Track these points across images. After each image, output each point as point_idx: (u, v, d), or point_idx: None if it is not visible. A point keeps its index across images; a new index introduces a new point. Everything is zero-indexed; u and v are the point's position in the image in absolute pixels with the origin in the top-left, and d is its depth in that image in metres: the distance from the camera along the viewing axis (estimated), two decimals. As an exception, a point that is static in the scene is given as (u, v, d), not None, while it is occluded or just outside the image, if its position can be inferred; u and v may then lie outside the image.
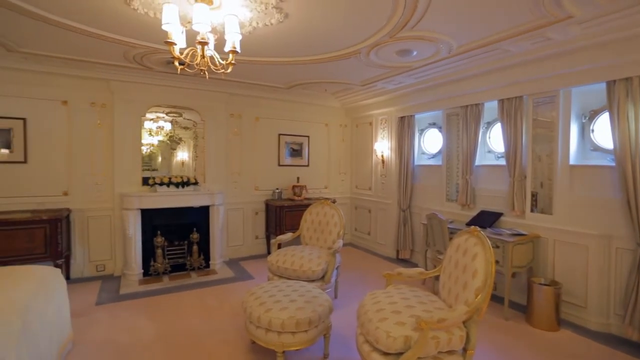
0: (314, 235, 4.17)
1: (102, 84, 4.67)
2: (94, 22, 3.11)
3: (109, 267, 4.82)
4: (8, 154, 4.31)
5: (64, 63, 4.27)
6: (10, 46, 3.76)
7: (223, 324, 3.36)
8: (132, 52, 3.89)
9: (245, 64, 4.16)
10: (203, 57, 2.52)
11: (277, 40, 3.49)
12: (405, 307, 2.26)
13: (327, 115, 6.58)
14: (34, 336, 2.14)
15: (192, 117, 5.30)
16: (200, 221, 5.07)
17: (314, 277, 3.48)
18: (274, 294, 2.75)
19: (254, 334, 2.64)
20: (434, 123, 5.32)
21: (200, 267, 4.97)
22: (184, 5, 2.66)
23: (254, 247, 5.87)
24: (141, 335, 3.14)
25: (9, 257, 3.82)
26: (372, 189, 6.25)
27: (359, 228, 6.64)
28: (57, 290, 2.71)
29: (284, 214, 5.41)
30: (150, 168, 5.06)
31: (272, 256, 3.74)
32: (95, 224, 4.74)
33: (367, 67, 4.33)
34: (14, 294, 2.19)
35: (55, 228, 4.06)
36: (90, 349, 2.90)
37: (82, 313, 3.54)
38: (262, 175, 5.94)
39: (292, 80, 5.13)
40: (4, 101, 4.26)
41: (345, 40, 3.47)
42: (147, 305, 3.79)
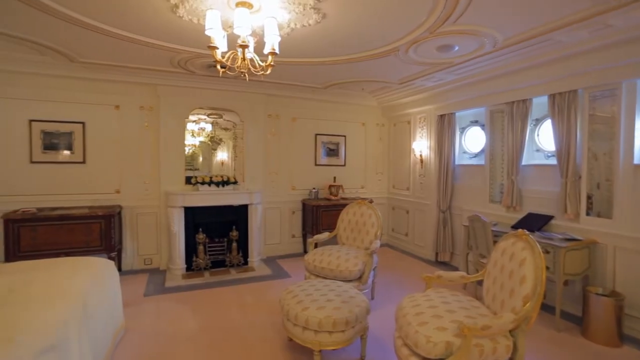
0: (350, 235, 4.15)
1: (149, 89, 4.95)
2: (144, 31, 3.31)
3: (155, 261, 5.10)
4: (69, 155, 4.70)
5: (117, 70, 4.59)
6: (73, 57, 4.11)
7: (261, 320, 3.43)
8: (177, 58, 4.09)
9: (283, 65, 4.22)
10: (244, 59, 2.59)
11: (314, 41, 3.51)
12: (446, 311, 2.18)
13: (363, 114, 6.52)
14: (93, 321, 2.32)
15: (231, 118, 5.47)
16: (239, 219, 5.23)
17: (351, 277, 3.46)
18: (311, 292, 2.77)
19: (291, 331, 2.68)
20: (476, 121, 5.08)
21: (239, 264, 5.12)
22: (225, 11, 2.75)
23: (291, 246, 5.96)
24: (185, 327, 3.30)
25: (70, 249, 4.18)
26: (410, 189, 6.11)
27: (396, 229, 6.52)
28: (111, 281, 2.92)
29: (320, 214, 5.44)
30: (192, 168, 5.30)
31: (309, 255, 3.77)
32: (143, 220, 5.04)
33: (406, 64, 4.23)
34: (76, 282, 2.39)
35: (109, 223, 4.37)
36: (140, 336, 3.09)
37: (132, 303, 3.78)
38: (299, 174, 6.01)
39: (329, 80, 5.14)
40: (66, 107, 4.65)
41: (384, 38, 3.42)
42: (190, 299, 3.97)
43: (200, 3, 2.73)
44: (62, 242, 4.19)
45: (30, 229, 4.08)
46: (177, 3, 2.74)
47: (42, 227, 4.12)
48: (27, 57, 4.15)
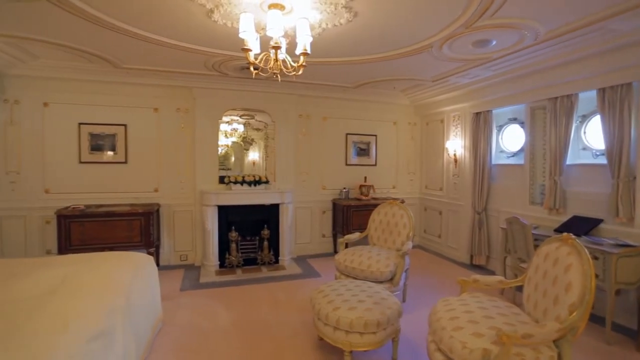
0: (381, 236, 4.10)
1: (185, 92, 5.15)
2: (181, 36, 3.45)
3: (190, 257, 5.30)
4: (113, 156, 4.99)
5: (156, 74, 4.81)
6: (116, 63, 4.35)
7: (291, 318, 3.47)
8: (211, 61, 4.22)
9: (314, 65, 4.24)
10: (276, 60, 2.63)
11: (345, 40, 3.49)
12: (483, 317, 2.09)
13: (395, 113, 6.41)
14: (134, 313, 2.44)
15: (263, 118, 5.57)
16: (271, 218, 5.31)
17: (382, 278, 3.41)
18: (342, 292, 2.75)
19: (321, 330, 2.68)
20: (515, 118, 4.84)
21: (270, 262, 5.21)
22: (258, 13, 2.80)
23: (321, 246, 5.97)
24: (218, 321, 3.40)
25: (114, 244, 4.42)
26: (444, 190, 5.93)
27: (428, 230, 6.36)
28: (150, 275, 3.06)
29: (351, 214, 5.41)
30: (224, 167, 5.45)
31: (339, 255, 3.76)
32: (179, 218, 5.25)
33: (439, 61, 4.11)
34: (119, 276, 2.53)
35: (148, 220, 4.60)
36: (177, 329, 3.22)
37: (169, 297, 3.94)
38: (330, 174, 6.01)
39: (360, 79, 5.10)
40: (110, 110, 4.94)
41: (417, 34, 3.34)
42: (223, 295, 4.08)
43: (234, 7, 2.80)
44: (106, 237, 4.46)
45: (79, 225, 4.37)
46: (212, 8, 2.82)
47: (89, 223, 4.41)
48: (77, 65, 4.45)
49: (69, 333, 1.71)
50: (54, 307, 1.93)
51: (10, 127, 4.61)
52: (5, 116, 4.59)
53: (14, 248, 4.64)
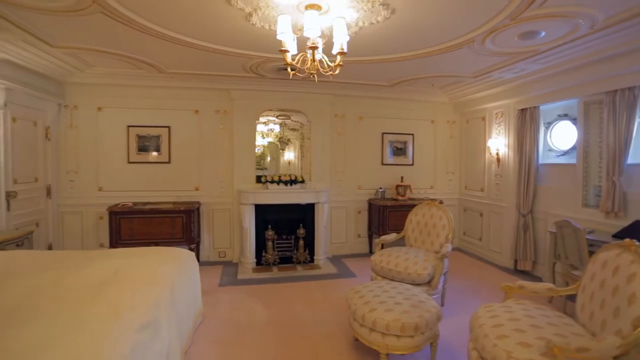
0: (419, 237, 3.99)
1: (224, 94, 5.32)
2: (221, 40, 3.57)
3: (228, 254, 5.47)
4: (157, 156, 5.27)
5: (197, 78, 5.02)
6: (161, 68, 4.60)
7: (327, 317, 3.47)
8: (249, 63, 4.33)
9: (350, 64, 4.21)
10: (313, 61, 2.64)
11: (382, 38, 3.44)
12: (530, 326, 1.97)
13: (433, 111, 6.22)
14: (178, 306, 2.56)
15: (299, 119, 5.63)
16: (306, 217, 5.35)
17: (420, 280, 3.32)
18: (379, 294, 2.71)
19: (357, 331, 2.66)
20: (566, 114, 4.51)
21: (305, 261, 5.25)
22: (295, 14, 2.82)
23: (356, 246, 5.93)
24: (255, 317, 3.48)
25: (158, 239, 4.67)
26: (485, 190, 5.66)
27: (468, 232, 6.10)
28: (192, 270, 3.20)
29: (387, 214, 5.32)
30: (260, 167, 5.57)
31: (375, 256, 3.71)
32: (218, 216, 5.44)
33: (481, 56, 3.92)
34: (165, 270, 2.67)
35: (189, 218, 4.80)
36: (216, 323, 3.33)
37: (209, 292, 4.08)
38: (365, 174, 5.95)
39: (397, 77, 5.00)
40: (156, 113, 5.23)
41: (457, 29, 3.21)
42: (260, 291, 4.17)
43: (272, 9, 2.84)
44: (152, 233, 4.72)
45: (128, 221, 4.67)
46: (250, 12, 2.89)
47: (137, 219, 4.69)
48: (127, 72, 4.75)
49: (121, 321, 1.82)
50: (108, 296, 2.07)
51: (70, 130, 5.01)
52: (66, 120, 5.00)
53: (73, 240, 5.05)
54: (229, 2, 2.73)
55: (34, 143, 4.53)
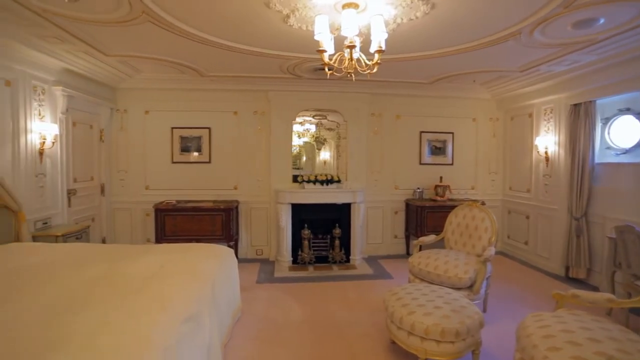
0: (459, 240, 3.84)
1: (261, 95, 5.43)
2: (259, 43, 3.65)
3: (265, 252, 5.59)
4: (198, 156, 5.50)
5: (235, 80, 5.17)
6: (202, 72, 4.79)
7: (363, 318, 3.44)
8: (286, 64, 4.39)
9: (388, 62, 4.14)
10: (351, 60, 2.62)
11: (421, 34, 3.34)
12: (586, 339, 1.82)
13: (474, 108, 5.96)
14: (218, 301, 2.65)
15: (335, 118, 5.63)
16: (342, 217, 5.34)
17: (460, 284, 3.19)
18: (417, 297, 2.64)
19: (395, 334, 2.61)
20: (628, 109, 4.12)
21: (341, 261, 5.23)
22: (332, 14, 2.82)
23: (393, 247, 5.83)
24: (291, 315, 3.52)
25: (199, 236, 4.86)
26: (532, 192, 5.33)
27: (512, 236, 5.78)
28: (231, 267, 3.30)
29: (425, 215, 5.18)
30: (296, 167, 5.63)
31: (413, 257, 3.62)
32: (256, 215, 5.58)
33: (529, 48, 3.69)
34: (206, 265, 2.78)
35: (229, 216, 4.97)
36: (254, 320, 3.41)
37: (247, 289, 4.18)
38: (403, 174, 5.83)
39: (436, 74, 4.84)
40: (197, 115, 5.46)
41: (502, 21, 3.05)
42: (296, 290, 4.21)
43: (309, 10, 2.86)
44: (193, 230, 4.93)
45: (172, 218, 4.92)
46: (288, 13, 2.93)
47: (180, 216, 4.93)
48: (171, 77, 5.02)
49: (166, 313, 1.92)
50: (155, 289, 2.19)
51: (121, 132, 5.37)
52: (117, 123, 5.36)
53: (123, 235, 5.41)
54: (268, 5, 2.79)
55: (90, 145, 4.91)
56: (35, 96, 3.82)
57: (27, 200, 3.59)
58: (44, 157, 3.93)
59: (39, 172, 3.89)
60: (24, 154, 3.68)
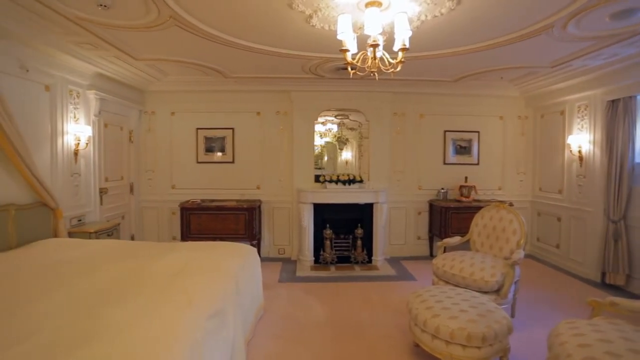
0: (486, 242, 3.72)
1: (284, 95, 5.47)
2: (282, 44, 3.68)
3: (287, 251, 5.63)
4: (221, 156, 5.61)
5: (258, 81, 5.24)
6: (226, 74, 4.88)
7: (385, 320, 3.40)
8: (308, 64, 4.40)
9: (412, 60, 4.07)
10: (374, 59, 2.59)
11: (446, 31, 3.27)
12: (628, 350, 1.72)
13: (501, 106, 5.77)
14: (242, 299, 2.69)
15: (357, 118, 5.60)
16: (364, 217, 5.30)
17: (487, 288, 3.09)
18: (442, 299, 2.58)
19: (418, 337, 2.56)
20: (671, 105, 3.87)
21: (363, 261, 5.19)
22: (355, 13, 2.80)
23: (416, 248, 5.73)
24: (313, 315, 3.52)
25: (223, 235, 4.96)
26: (564, 193, 5.09)
27: (542, 238, 5.55)
28: (254, 265, 3.34)
29: (449, 216, 5.06)
30: (317, 167, 5.64)
31: (437, 259, 3.54)
32: (278, 214, 5.63)
33: (562, 42, 3.53)
34: (230, 263, 2.83)
35: (252, 215, 5.04)
36: (276, 318, 3.44)
37: (269, 287, 4.22)
38: (426, 174, 5.72)
39: (462, 72, 4.72)
40: (221, 116, 5.57)
41: (532, 15, 2.93)
42: (318, 289, 4.22)
43: (332, 10, 2.86)
44: (217, 229, 5.04)
45: (197, 217, 5.04)
46: (311, 13, 2.93)
47: (204, 215, 5.04)
48: (196, 79, 5.14)
49: (192, 309, 1.96)
50: (181, 285, 2.25)
51: (148, 133, 5.56)
52: (145, 125, 5.55)
53: (151, 232, 5.60)
54: (290, 6, 2.80)
55: (120, 145, 5.11)
56: (71, 100, 4.02)
57: (63, 198, 3.78)
58: (78, 157, 4.13)
59: (74, 172, 4.09)
60: (61, 154, 3.88)
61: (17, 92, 3.30)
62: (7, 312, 1.86)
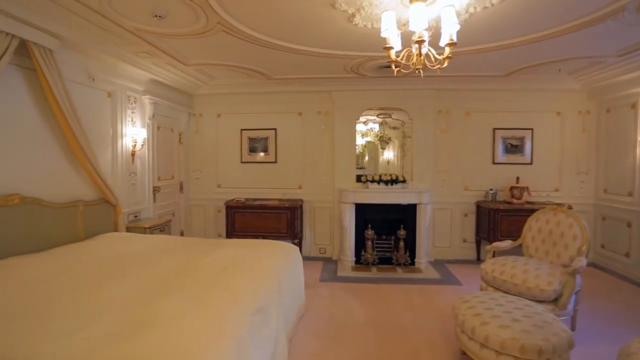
0: (541, 247, 3.46)
1: (325, 96, 5.49)
2: (324, 44, 3.69)
3: (328, 251, 5.64)
4: (264, 156, 5.76)
5: (300, 82, 5.30)
6: (269, 75, 5.00)
7: (429, 324, 3.28)
8: (350, 64, 4.38)
9: (459, 55, 3.88)
10: (419, 55, 2.51)
11: (496, 23, 3.09)
12: None
13: (559, 101, 5.33)
14: (284, 296, 2.74)
15: (400, 117, 5.47)
16: (407, 218, 5.17)
17: (542, 297, 2.87)
18: (491, 307, 2.44)
19: (466, 345, 2.44)
20: None
21: (405, 263, 5.07)
22: (399, 9, 2.74)
23: (461, 251, 5.48)
24: (354, 315, 3.49)
25: (265, 233, 5.08)
26: (635, 195, 4.58)
27: (608, 246, 5.05)
28: (297, 264, 3.38)
29: (499, 218, 4.78)
30: (358, 166, 5.58)
31: (486, 264, 3.35)
32: (320, 214, 5.66)
33: (633, 27, 3.18)
34: (273, 261, 2.90)
35: (293, 214, 5.11)
36: (317, 317, 3.45)
37: (310, 286, 4.24)
38: (473, 174, 5.45)
39: (513, 65, 4.44)
40: (264, 117, 5.72)
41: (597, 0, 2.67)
42: (359, 290, 4.18)
43: (375, 8, 2.81)
44: (260, 227, 5.18)
45: (241, 215, 5.22)
46: (353, 12, 2.91)
47: (248, 213, 5.21)
48: (240, 81, 5.34)
49: (238, 305, 2.03)
50: (227, 281, 2.34)
51: (196, 135, 5.86)
52: (193, 127, 5.86)
53: (198, 229, 5.89)
54: (333, 5, 2.80)
55: (170, 147, 5.43)
56: (128, 105, 4.35)
57: (122, 196, 4.10)
58: (135, 158, 4.45)
59: (131, 171, 4.41)
60: (120, 155, 4.21)
61: (85, 99, 3.65)
62: (76, 299, 2.06)
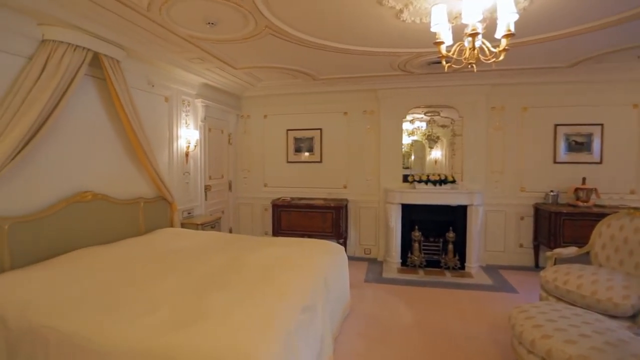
0: (614, 256, 3.12)
1: (370, 94, 5.41)
2: (369, 42, 3.63)
3: (373, 252, 5.57)
4: (310, 156, 5.82)
5: (345, 81, 5.27)
6: (314, 76, 5.04)
7: (481, 333, 3.11)
8: (397, 61, 4.27)
9: (516, 46, 3.63)
10: (472, 49, 2.38)
11: (561, 9, 2.83)
12: None
13: (635, 92, 4.77)
14: (330, 295, 2.75)
15: (449, 114, 5.24)
16: (456, 220, 4.94)
17: (615, 312, 2.58)
18: (554, 319, 2.25)
19: (523, 358, 2.27)
20: None
21: (454, 267, 4.85)
22: (450, 2, 2.62)
23: (517, 257, 5.12)
24: (399, 318, 3.41)
25: (311, 232, 5.14)
26: None
27: (694, 255, 4.43)
28: (342, 263, 3.38)
29: (561, 223, 4.39)
30: (404, 166, 5.43)
31: (547, 272, 3.09)
32: (365, 214, 5.60)
33: None
34: (319, 260, 2.92)
35: (338, 214, 5.11)
36: (362, 318, 3.42)
37: (355, 286, 4.20)
38: (531, 174, 5.06)
39: (580, 54, 4.04)
40: (310, 117, 5.77)
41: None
42: (405, 293, 4.07)
43: (424, 1, 2.71)
44: (305, 226, 5.24)
45: (287, 213, 5.32)
46: (402, 8, 2.83)
47: (294, 212, 5.29)
48: (286, 83, 5.43)
49: (286, 302, 2.07)
50: (274, 278, 2.39)
51: (244, 135, 6.07)
52: (241, 128, 6.08)
53: (246, 227, 6.12)
54: (380, 2, 2.74)
55: (220, 147, 5.68)
56: (183, 108, 4.62)
57: (177, 194, 4.38)
58: (188, 158, 4.72)
59: (185, 171, 4.69)
60: (176, 156, 4.50)
61: (145, 103, 3.94)
62: (137, 288, 2.24)
